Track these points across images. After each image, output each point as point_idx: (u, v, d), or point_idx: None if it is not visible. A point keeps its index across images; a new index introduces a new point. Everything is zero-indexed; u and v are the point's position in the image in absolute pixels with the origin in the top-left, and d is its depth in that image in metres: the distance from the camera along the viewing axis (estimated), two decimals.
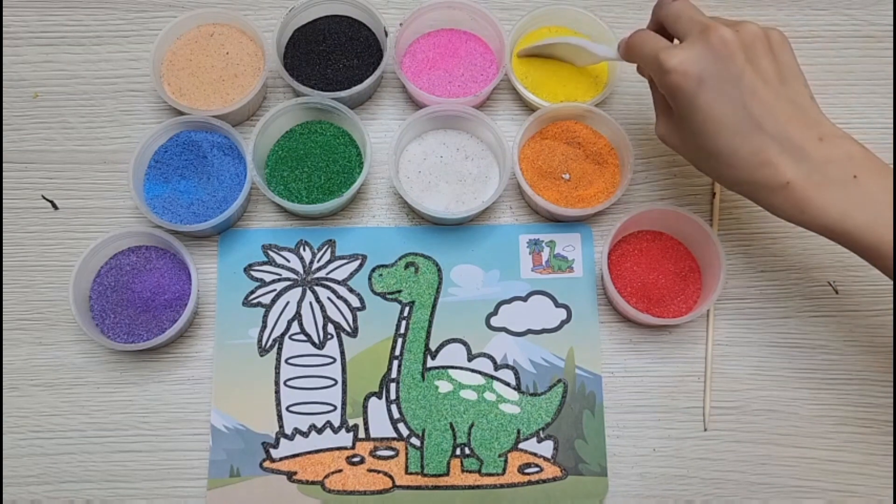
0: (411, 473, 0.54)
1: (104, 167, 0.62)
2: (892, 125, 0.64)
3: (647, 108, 0.65)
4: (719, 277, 0.56)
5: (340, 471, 0.54)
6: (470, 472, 0.54)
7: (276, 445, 0.54)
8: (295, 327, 0.56)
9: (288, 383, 0.55)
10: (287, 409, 0.55)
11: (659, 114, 0.52)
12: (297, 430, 0.55)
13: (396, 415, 0.55)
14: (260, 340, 0.56)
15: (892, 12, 0.67)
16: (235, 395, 0.55)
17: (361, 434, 0.55)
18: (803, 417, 0.57)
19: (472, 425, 0.55)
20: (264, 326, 0.56)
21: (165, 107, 0.64)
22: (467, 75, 0.63)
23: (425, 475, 0.54)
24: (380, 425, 0.55)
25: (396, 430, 0.55)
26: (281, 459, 0.54)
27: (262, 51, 0.63)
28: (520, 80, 0.62)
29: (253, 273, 0.57)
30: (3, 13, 0.66)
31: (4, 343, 0.59)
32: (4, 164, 0.62)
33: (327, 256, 0.58)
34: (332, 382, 0.55)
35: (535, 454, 0.55)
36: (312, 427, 0.55)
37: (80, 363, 0.58)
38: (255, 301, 0.57)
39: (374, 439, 0.55)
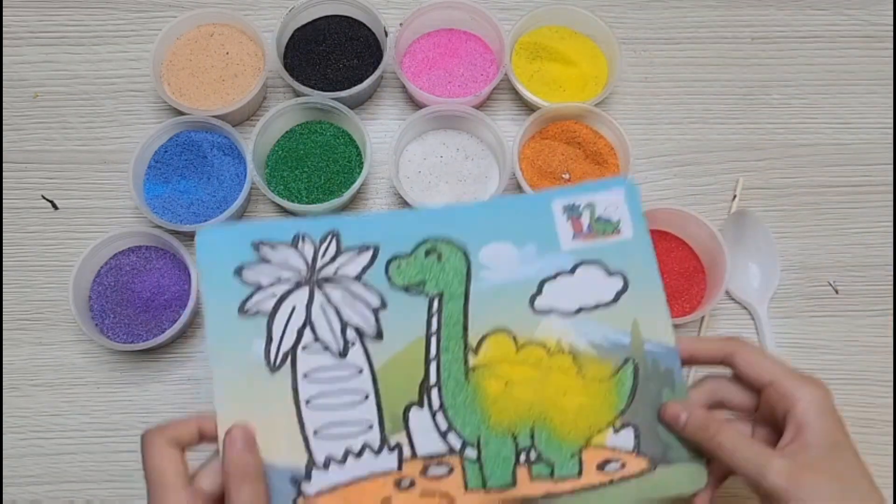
0: (472, 490, 0.46)
1: (104, 167, 0.62)
2: (892, 125, 0.64)
3: (647, 108, 0.65)
4: (723, 278, 0.56)
5: (389, 499, 0.45)
6: (541, 478, 0.46)
7: (308, 478, 0.45)
8: (308, 336, 0.46)
9: (311, 403, 0.45)
10: (315, 433, 0.45)
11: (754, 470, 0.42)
12: (330, 458, 0.45)
13: (444, 425, 0.46)
14: (267, 355, 0.46)
15: (892, 12, 0.67)
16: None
17: (407, 453, 0.46)
18: None
19: (533, 425, 0.46)
20: (270, 339, 0.46)
21: (165, 107, 0.64)
22: (467, 75, 0.63)
23: (489, 490, 0.46)
24: (427, 440, 0.46)
25: (447, 442, 0.46)
26: (317, 495, 0.44)
27: (262, 51, 0.63)
28: (520, 80, 0.62)
29: (246, 276, 0.46)
30: (3, 13, 0.66)
31: (4, 343, 0.59)
32: (4, 164, 0.62)
33: (333, 250, 0.48)
34: (363, 396, 0.46)
35: (613, 448, 0.46)
36: (348, 451, 0.45)
37: (80, 363, 0.58)
38: (253, 310, 0.46)
39: (423, 457, 0.46)
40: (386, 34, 0.62)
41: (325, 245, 0.48)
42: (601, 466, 0.46)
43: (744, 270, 0.60)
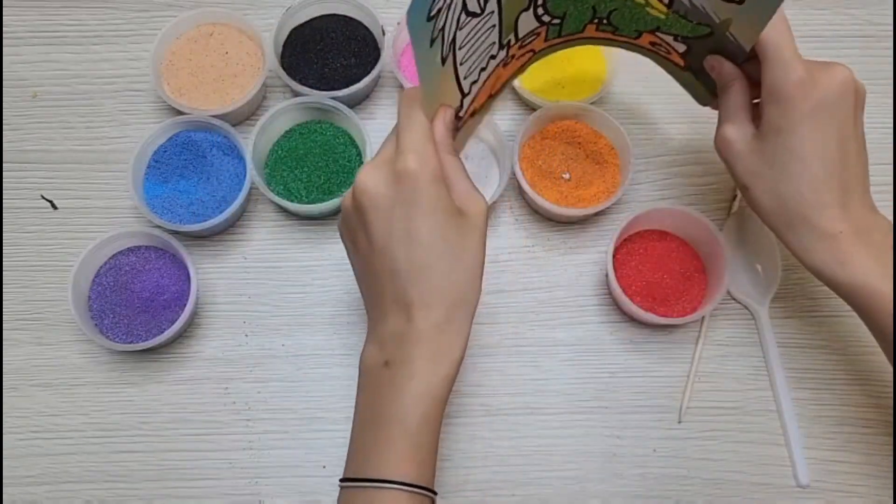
0: (549, 39, 0.52)
1: (104, 167, 0.62)
2: (892, 125, 0.64)
3: (647, 108, 0.65)
4: (723, 278, 0.56)
5: (498, 76, 0.51)
6: (604, 30, 0.53)
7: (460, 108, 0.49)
8: (462, 17, 0.46)
9: (463, 64, 0.47)
10: (464, 78, 0.48)
11: (731, 118, 0.50)
12: (472, 84, 0.49)
13: (541, 11, 0.50)
14: (441, 51, 0.46)
15: (892, 12, 0.67)
16: (437, 100, 0.47)
17: (513, 42, 0.50)
18: (803, 417, 0.57)
19: (613, 10, 0.51)
20: (442, 32, 0.45)
21: (165, 106, 0.64)
22: None
23: (562, 35, 0.52)
24: (527, 26, 0.50)
25: (539, 20, 0.51)
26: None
27: (261, 50, 0.63)
28: (520, 80, 0.62)
29: None
30: (3, 13, 0.66)
31: (4, 343, 0.58)
32: (4, 164, 0.62)
33: None
34: (492, 26, 0.48)
35: (668, 43, 0.53)
36: (481, 70, 0.49)
37: (80, 363, 0.58)
38: (434, 11, 0.45)
39: (523, 37, 0.50)
40: (384, 33, 0.62)
41: None
42: (653, 44, 0.53)
43: (745, 270, 0.60)
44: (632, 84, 0.65)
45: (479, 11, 0.47)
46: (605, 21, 0.52)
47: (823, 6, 0.67)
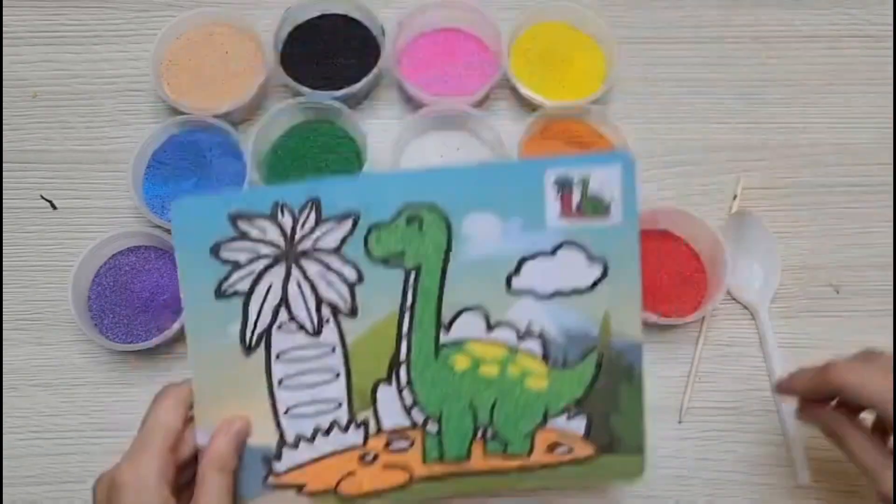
0: (430, 462, 0.47)
1: (104, 167, 0.62)
2: (892, 125, 0.64)
3: (647, 108, 0.65)
4: (723, 278, 0.56)
5: (353, 473, 0.47)
6: (494, 454, 0.48)
7: (278, 457, 0.46)
8: (283, 315, 0.46)
9: (283, 384, 0.46)
10: (286, 413, 0.46)
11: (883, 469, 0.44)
12: (300, 436, 0.47)
13: (409, 400, 0.47)
14: (243, 337, 0.46)
15: (892, 12, 0.67)
16: (222, 407, 0.46)
17: (373, 428, 0.47)
18: None
19: (494, 404, 0.47)
20: (246, 320, 0.46)
21: (165, 107, 0.64)
22: (465, 75, 0.63)
23: (444, 461, 0.47)
24: (392, 415, 0.47)
25: (410, 417, 0.47)
26: (287, 472, 0.46)
27: (261, 50, 0.63)
28: (518, 78, 0.62)
29: (223, 255, 0.45)
30: (3, 13, 0.66)
31: (4, 343, 0.59)
32: (4, 164, 0.62)
33: (312, 221, 0.46)
34: (335, 375, 0.46)
35: (565, 433, 0.48)
36: (317, 430, 0.47)
37: (80, 363, 0.58)
38: (230, 291, 0.45)
39: (388, 431, 0.47)
40: (384, 33, 0.62)
41: (304, 214, 0.46)
42: (551, 448, 0.47)
43: (745, 271, 0.60)
44: (632, 84, 0.65)
45: (310, 330, 0.46)
46: (489, 434, 0.47)
47: (824, 6, 0.67)
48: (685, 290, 0.59)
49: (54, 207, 0.61)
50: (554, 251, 0.47)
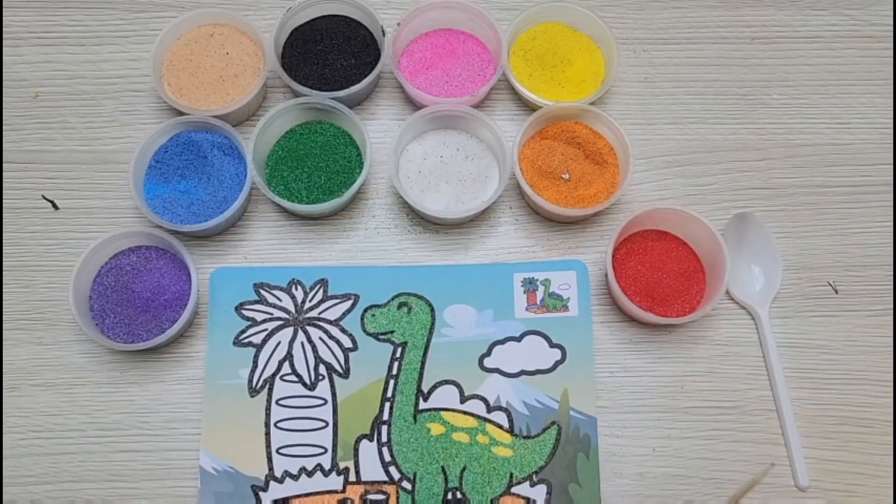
0: None
1: (104, 167, 0.62)
2: (892, 125, 0.64)
3: (647, 108, 0.65)
4: (723, 278, 0.56)
5: None
6: None
7: (265, 489, 0.54)
8: (286, 368, 0.56)
9: (278, 425, 0.55)
10: (277, 451, 0.54)
11: None
12: (287, 473, 0.54)
13: (388, 457, 0.54)
14: (250, 381, 0.55)
15: (892, 12, 0.67)
16: (225, 437, 0.54)
17: (352, 477, 0.54)
18: (803, 417, 0.57)
19: (463, 469, 0.54)
20: (255, 366, 0.56)
21: (165, 107, 0.64)
22: (464, 75, 0.63)
23: None
24: (371, 468, 0.54)
25: (388, 473, 0.54)
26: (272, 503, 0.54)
27: (261, 51, 0.63)
28: (518, 79, 0.62)
29: (244, 312, 0.57)
30: (3, 13, 0.66)
31: (4, 343, 0.59)
32: (4, 164, 0.62)
33: (319, 296, 0.57)
34: (324, 424, 0.55)
35: (527, 499, 0.54)
36: (303, 470, 0.54)
37: (80, 363, 0.58)
38: (245, 341, 0.56)
39: (366, 483, 0.54)
40: (384, 34, 0.62)
41: (314, 291, 0.57)
42: None
43: (745, 273, 0.60)
44: (632, 84, 0.65)
45: (307, 383, 0.55)
46: (458, 496, 0.53)
47: (823, 6, 0.67)
48: (685, 290, 0.59)
49: (56, 208, 0.62)
50: (521, 337, 0.57)
